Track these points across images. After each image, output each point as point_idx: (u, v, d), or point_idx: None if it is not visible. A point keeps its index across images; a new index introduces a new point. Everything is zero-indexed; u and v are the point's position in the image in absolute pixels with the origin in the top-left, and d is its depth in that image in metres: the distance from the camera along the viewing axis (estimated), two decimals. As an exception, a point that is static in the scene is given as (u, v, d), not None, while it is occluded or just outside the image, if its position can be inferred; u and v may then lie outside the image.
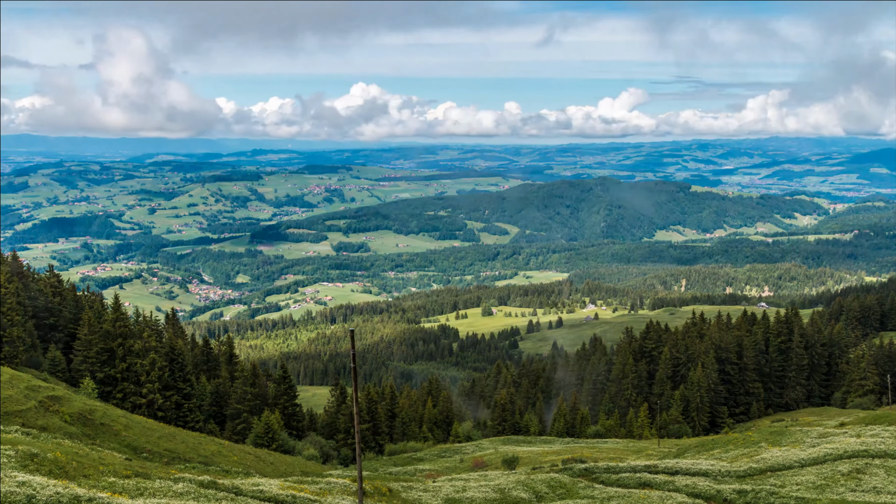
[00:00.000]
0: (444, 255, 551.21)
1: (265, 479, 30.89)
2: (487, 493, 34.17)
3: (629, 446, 73.42)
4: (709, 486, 33.19)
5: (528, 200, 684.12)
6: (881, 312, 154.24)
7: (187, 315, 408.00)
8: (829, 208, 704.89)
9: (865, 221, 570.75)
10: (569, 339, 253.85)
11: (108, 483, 22.53)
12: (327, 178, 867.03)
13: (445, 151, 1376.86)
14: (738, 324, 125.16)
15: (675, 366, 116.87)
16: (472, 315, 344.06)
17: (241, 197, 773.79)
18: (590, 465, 41.63)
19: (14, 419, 37.07)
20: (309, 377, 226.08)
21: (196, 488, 24.25)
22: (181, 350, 71.56)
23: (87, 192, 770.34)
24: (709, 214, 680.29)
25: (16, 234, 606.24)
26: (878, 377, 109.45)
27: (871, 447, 37.27)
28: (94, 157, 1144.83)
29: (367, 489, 32.15)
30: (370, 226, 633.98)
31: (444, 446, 77.51)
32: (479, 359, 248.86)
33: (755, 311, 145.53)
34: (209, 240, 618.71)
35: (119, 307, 68.97)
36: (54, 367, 62.80)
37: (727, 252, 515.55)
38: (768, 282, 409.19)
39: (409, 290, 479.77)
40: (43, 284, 77.27)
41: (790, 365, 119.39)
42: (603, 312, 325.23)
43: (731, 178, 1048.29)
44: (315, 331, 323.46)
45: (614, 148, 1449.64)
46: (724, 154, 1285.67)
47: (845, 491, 31.56)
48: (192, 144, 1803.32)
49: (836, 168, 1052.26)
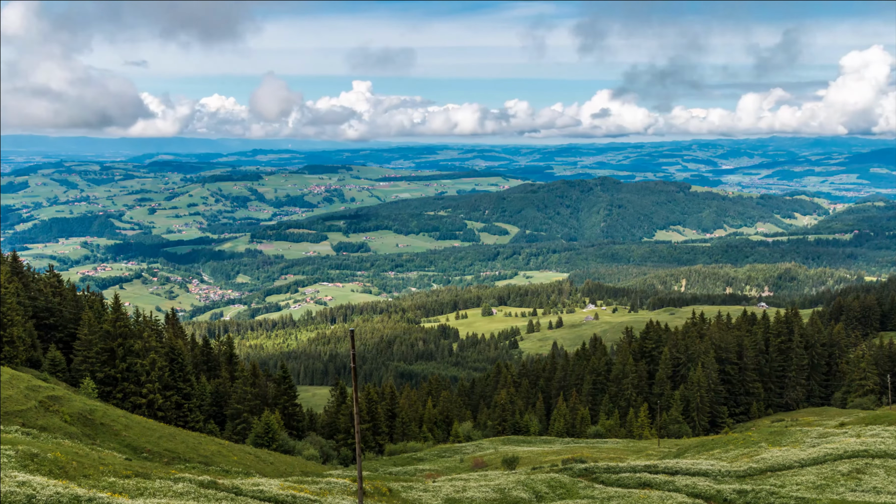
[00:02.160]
0: (444, 255, 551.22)
1: (265, 479, 30.90)
2: (487, 493, 34.17)
3: (629, 446, 73.42)
4: (709, 486, 33.19)
5: (528, 200, 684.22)
6: (881, 312, 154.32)
7: (187, 315, 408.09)
8: (829, 208, 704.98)
9: (865, 221, 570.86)
10: (569, 339, 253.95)
11: (108, 483, 22.54)
12: (327, 178, 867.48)
13: (445, 151, 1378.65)
14: (738, 324, 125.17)
15: (675, 366, 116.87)
16: (472, 315, 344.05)
17: (241, 197, 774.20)
18: (590, 465, 41.64)
19: (14, 419, 37.07)
20: (309, 377, 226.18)
21: (196, 488, 24.26)
22: (181, 350, 71.58)
23: (87, 192, 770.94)
24: (709, 214, 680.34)
25: (16, 234, 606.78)
26: (878, 377, 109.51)
27: (871, 447, 37.28)
28: (94, 157, 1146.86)
29: (367, 489, 32.15)
30: (370, 226, 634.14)
31: (444, 446, 77.49)
32: (479, 359, 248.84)
33: (755, 311, 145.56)
34: (209, 240, 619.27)
35: (119, 307, 68.95)
36: (54, 367, 62.80)
37: (727, 252, 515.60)
38: (768, 282, 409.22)
39: (409, 290, 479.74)
40: (43, 284, 77.28)
41: (790, 365, 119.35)
42: (603, 312, 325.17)
43: (731, 178, 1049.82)
44: (315, 331, 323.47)
45: (614, 148, 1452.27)
46: (724, 154, 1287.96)
47: (845, 491, 31.56)
48: (193, 144, 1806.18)
49: (836, 168, 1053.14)
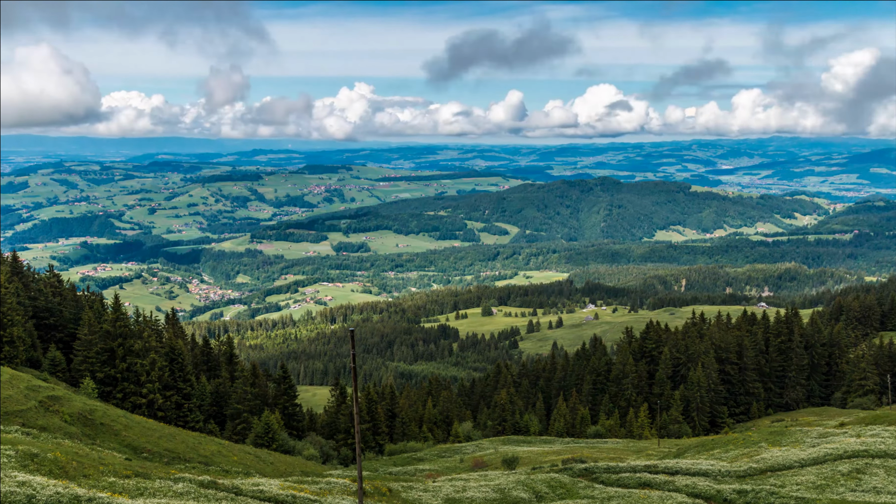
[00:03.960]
0: (444, 255, 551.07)
1: (265, 479, 30.89)
2: (487, 493, 34.17)
3: (629, 446, 73.41)
4: (709, 486, 33.19)
5: (528, 200, 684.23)
6: (881, 312, 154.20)
7: (187, 315, 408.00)
8: (829, 208, 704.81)
9: (865, 221, 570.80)
10: (569, 339, 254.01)
11: (108, 483, 22.54)
12: (327, 178, 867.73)
13: (445, 151, 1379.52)
14: (738, 324, 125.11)
15: (675, 366, 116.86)
16: (472, 315, 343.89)
17: (241, 197, 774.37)
18: (590, 465, 41.64)
19: (14, 419, 37.07)
20: (309, 377, 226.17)
21: (196, 488, 24.26)
22: (181, 350, 71.58)
23: (87, 192, 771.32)
24: (709, 214, 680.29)
25: (16, 234, 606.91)
26: (878, 377, 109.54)
27: (871, 447, 37.28)
28: (94, 157, 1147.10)
29: (367, 489, 32.15)
30: (370, 226, 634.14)
31: (444, 446, 77.47)
32: (479, 359, 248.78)
33: (755, 311, 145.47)
34: (209, 240, 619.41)
35: (119, 307, 68.95)
36: (54, 367, 62.81)
37: (727, 252, 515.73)
38: (768, 282, 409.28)
39: (409, 290, 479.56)
40: (43, 284, 77.28)
41: (790, 365, 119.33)
42: (603, 312, 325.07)
43: (731, 178, 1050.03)
44: (315, 331, 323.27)
45: (614, 148, 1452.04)
46: (724, 154, 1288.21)
47: (845, 491, 31.56)
48: (193, 144, 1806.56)
49: (836, 168, 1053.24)
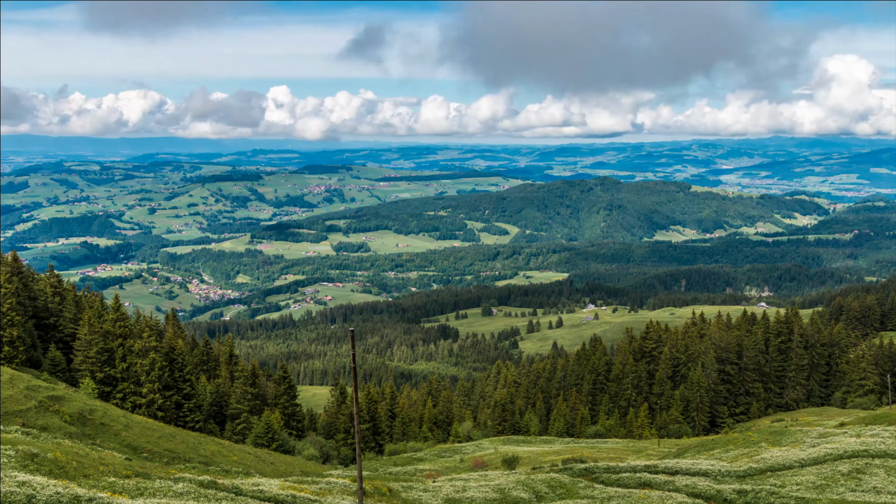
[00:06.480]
0: (444, 255, 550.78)
1: (265, 479, 30.89)
2: (487, 493, 34.17)
3: (629, 446, 73.42)
4: (709, 486, 33.18)
5: (528, 200, 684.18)
6: (881, 312, 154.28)
7: (187, 315, 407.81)
8: (829, 208, 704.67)
9: (865, 221, 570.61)
10: (569, 339, 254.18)
11: (108, 483, 22.54)
12: (327, 178, 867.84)
13: (445, 151, 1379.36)
14: (738, 324, 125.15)
15: (675, 366, 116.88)
16: (472, 315, 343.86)
17: (241, 197, 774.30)
18: (590, 465, 41.64)
19: (14, 419, 37.07)
20: (309, 377, 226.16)
21: (196, 488, 24.26)
22: (181, 350, 71.56)
23: (87, 192, 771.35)
24: (709, 214, 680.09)
25: (16, 234, 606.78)
26: (878, 377, 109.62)
27: (871, 447, 37.27)
28: (94, 157, 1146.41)
29: (368, 489, 32.15)
30: (370, 226, 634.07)
31: (444, 446, 77.48)
32: (479, 359, 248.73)
33: (755, 311, 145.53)
34: (209, 240, 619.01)
35: (119, 307, 68.99)
36: (54, 367, 62.81)
37: (727, 252, 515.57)
38: (768, 282, 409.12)
39: (409, 290, 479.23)
40: (43, 284, 77.21)
41: (790, 365, 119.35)
42: (603, 312, 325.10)
43: (731, 178, 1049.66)
44: (315, 331, 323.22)
45: (614, 148, 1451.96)
46: (724, 154, 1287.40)
47: (845, 491, 31.56)
48: (193, 144, 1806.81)
49: (836, 168, 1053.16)
